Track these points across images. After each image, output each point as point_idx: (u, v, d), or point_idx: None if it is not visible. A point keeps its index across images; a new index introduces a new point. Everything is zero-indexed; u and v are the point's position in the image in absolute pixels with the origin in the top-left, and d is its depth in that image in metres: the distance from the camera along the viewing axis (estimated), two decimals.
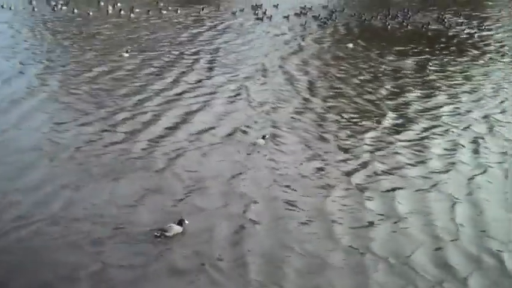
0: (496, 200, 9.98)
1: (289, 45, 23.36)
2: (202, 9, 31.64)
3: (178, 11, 30.70)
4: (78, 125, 12.68)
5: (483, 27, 29.17)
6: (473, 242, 8.57)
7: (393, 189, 10.22)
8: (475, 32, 27.84)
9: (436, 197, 10.01)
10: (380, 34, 27.10)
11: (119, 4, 30.91)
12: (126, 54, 19.57)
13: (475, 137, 13.08)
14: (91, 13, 28.34)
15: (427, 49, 23.60)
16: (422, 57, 22.05)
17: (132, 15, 28.61)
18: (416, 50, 23.34)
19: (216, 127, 13.05)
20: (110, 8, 29.93)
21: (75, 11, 28.96)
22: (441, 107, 15.54)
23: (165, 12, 30.51)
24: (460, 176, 10.94)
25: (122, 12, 29.23)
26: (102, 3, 31.39)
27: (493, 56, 23.03)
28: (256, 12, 31.79)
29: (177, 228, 8.34)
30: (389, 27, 28.94)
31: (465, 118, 14.58)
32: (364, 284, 7.47)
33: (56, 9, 29.69)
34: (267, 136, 12.28)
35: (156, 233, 8.26)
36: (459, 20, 31.76)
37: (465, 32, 28.18)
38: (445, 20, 30.95)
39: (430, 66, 20.41)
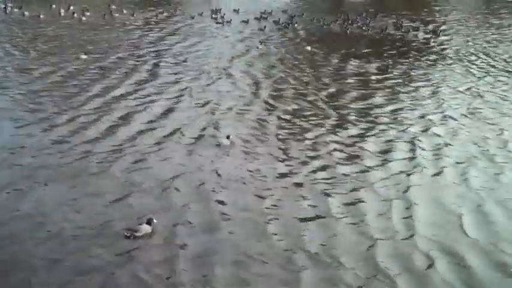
0: (428, 200, 10.09)
1: (244, 48, 23.33)
2: (161, 13, 31.25)
3: (135, 15, 30.23)
4: (14, 128, 12.31)
5: (438, 31, 29.95)
6: (405, 241, 8.62)
7: (330, 189, 10.27)
8: (431, 37, 28.47)
9: (372, 197, 10.08)
10: (337, 38, 27.37)
11: (71, 7, 30.20)
12: (84, 56, 19.14)
13: (411, 138, 13.26)
14: (42, 16, 27.60)
15: (378, 52, 23.97)
16: (369, 59, 22.32)
17: (83, 18, 28.02)
18: (361, 53, 23.64)
19: (156, 128, 12.89)
20: (62, 10, 29.22)
21: (26, 13, 28.20)
22: (381, 107, 15.75)
23: (117, 15, 30.03)
24: (396, 175, 11.04)
25: (75, 15, 28.59)
26: (54, 6, 30.61)
27: (434, 57, 23.59)
28: (215, 16, 31.64)
29: (147, 228, 8.29)
30: (348, 31, 29.23)
31: (403, 119, 14.78)
32: (294, 281, 7.45)
33: (7, 12, 28.81)
34: (231, 136, 12.22)
35: (126, 233, 8.19)
36: (414, 25, 32.47)
37: (418, 36, 28.73)
38: (402, 25, 31.57)
39: (383, 68, 20.71)
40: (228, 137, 12.15)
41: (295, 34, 27.68)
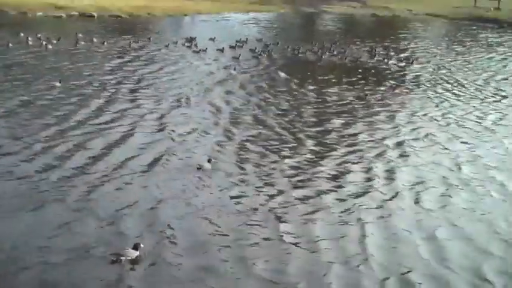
0: (382, 223, 10.19)
1: (214, 76, 23.42)
2: (135, 41, 31.19)
3: (105, 43, 30.13)
4: None
5: (411, 60, 30.91)
6: (359, 265, 8.67)
7: (284, 214, 10.30)
8: (405, 66, 29.20)
9: (326, 220, 10.14)
10: (310, 66, 27.72)
11: (39, 35, 30.07)
12: (59, 84, 19.05)
13: (367, 162, 13.42)
14: (11, 44, 27.35)
15: (344, 79, 24.43)
16: (334, 85, 22.70)
17: (49, 46, 27.91)
18: (326, 79, 24.04)
19: (113, 155, 12.71)
20: (30, 38, 29.06)
21: None
22: (339, 131, 15.97)
23: (83, 43, 29.84)
24: (351, 199, 11.16)
25: (43, 43, 28.44)
26: (22, 34, 30.44)
27: (394, 83, 24.12)
28: (189, 44, 31.86)
29: (133, 252, 8.34)
30: (322, 59, 29.73)
31: (360, 143, 14.99)
32: None
33: None
34: (213, 160, 12.23)
35: (112, 258, 8.20)
36: (385, 52, 33.44)
37: (389, 64, 29.36)
38: (376, 53, 32.40)
39: (345, 94, 21.06)
40: (209, 161, 12.17)
41: (268, 62, 27.98)
